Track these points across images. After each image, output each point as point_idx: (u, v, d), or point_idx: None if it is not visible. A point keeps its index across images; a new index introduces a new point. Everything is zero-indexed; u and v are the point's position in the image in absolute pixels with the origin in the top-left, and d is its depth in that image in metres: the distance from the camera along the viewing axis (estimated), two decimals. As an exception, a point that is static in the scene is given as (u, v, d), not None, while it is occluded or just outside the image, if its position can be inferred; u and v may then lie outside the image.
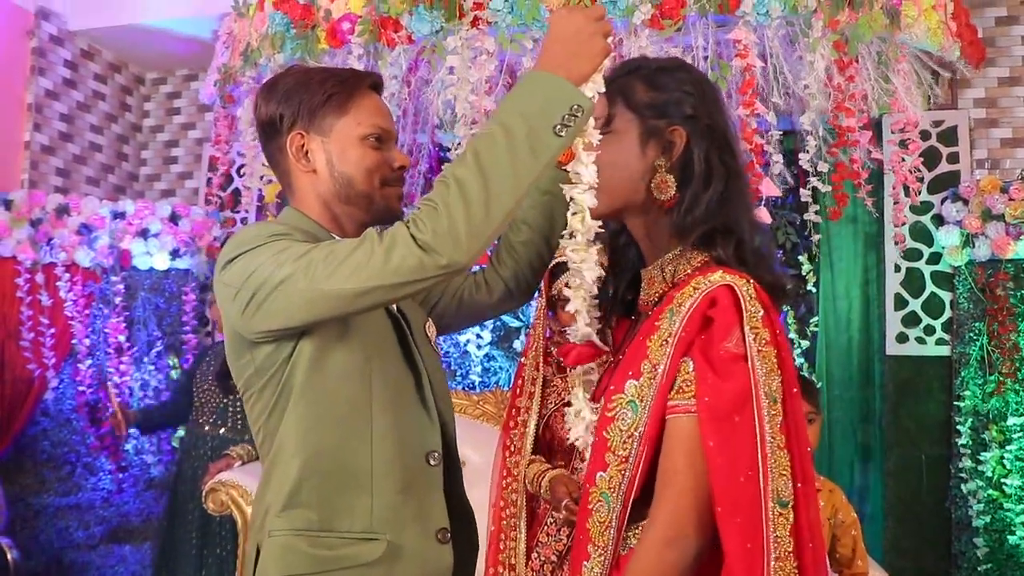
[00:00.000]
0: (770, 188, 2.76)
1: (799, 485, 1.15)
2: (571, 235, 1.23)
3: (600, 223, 1.24)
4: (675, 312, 1.19)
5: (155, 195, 4.92)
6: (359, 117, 1.44)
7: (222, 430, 3.46)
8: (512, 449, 2.54)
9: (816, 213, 2.95)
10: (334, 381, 1.36)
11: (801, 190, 2.97)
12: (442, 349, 4.22)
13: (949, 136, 3.67)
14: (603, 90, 1.22)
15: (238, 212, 4.36)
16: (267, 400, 1.38)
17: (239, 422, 3.45)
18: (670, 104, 1.27)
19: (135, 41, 4.62)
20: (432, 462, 1.43)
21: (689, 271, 1.26)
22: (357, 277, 1.21)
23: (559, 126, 1.17)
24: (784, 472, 1.14)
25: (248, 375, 1.39)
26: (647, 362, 1.20)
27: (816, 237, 3.17)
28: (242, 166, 3.68)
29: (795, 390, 1.19)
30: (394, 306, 1.45)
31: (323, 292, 1.23)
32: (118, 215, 4.17)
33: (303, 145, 1.44)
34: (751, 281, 1.19)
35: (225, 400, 3.48)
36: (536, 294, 3.97)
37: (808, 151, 2.82)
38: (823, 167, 2.88)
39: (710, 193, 1.25)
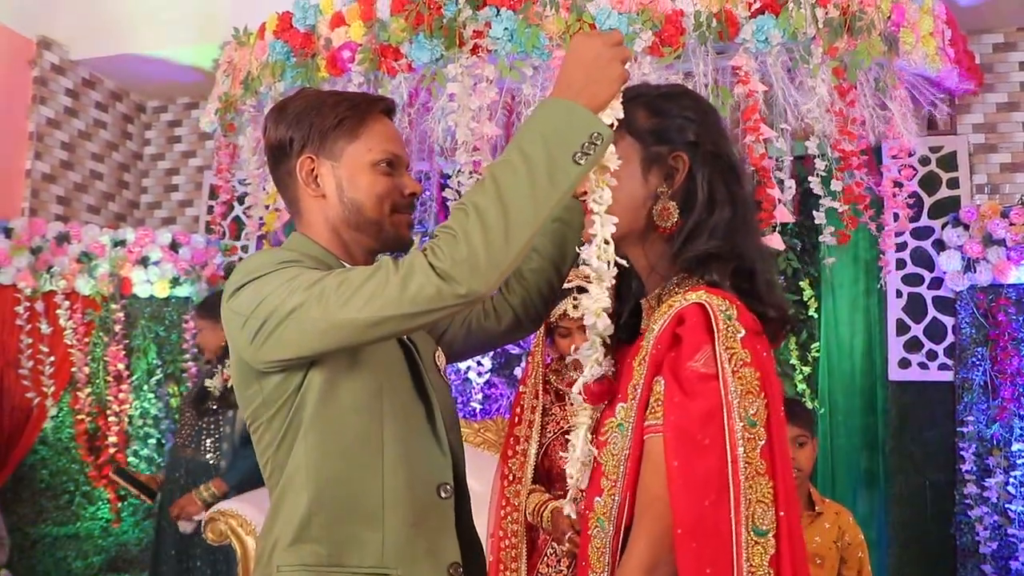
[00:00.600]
0: (784, 215, 2.75)
1: (782, 513, 1.11)
2: (588, 265, 1.21)
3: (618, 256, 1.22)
4: (652, 332, 1.17)
5: (156, 223, 4.93)
6: (370, 142, 1.41)
7: (195, 453, 3.44)
8: (511, 478, 2.51)
9: (831, 235, 2.93)
10: (344, 413, 1.32)
11: (814, 213, 2.96)
12: (443, 376, 4.20)
13: (949, 161, 3.68)
14: (621, 116, 1.20)
15: (239, 240, 4.36)
16: (276, 431, 1.34)
17: (214, 444, 3.43)
18: (672, 130, 1.25)
19: (136, 70, 4.65)
20: (444, 495, 1.39)
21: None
22: (372, 306, 1.18)
23: (579, 154, 1.15)
24: (764, 499, 1.10)
25: (256, 406, 1.35)
26: (632, 384, 1.18)
27: (830, 260, 3.14)
28: (245, 195, 3.69)
29: (780, 414, 1.15)
30: (405, 335, 1.42)
31: (336, 321, 1.20)
32: (118, 243, 4.18)
33: (313, 170, 1.41)
34: (734, 304, 1.16)
35: (200, 423, 3.46)
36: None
37: (818, 175, 2.82)
38: (835, 186, 2.88)
39: (714, 220, 1.23)
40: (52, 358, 4.01)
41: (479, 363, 4.13)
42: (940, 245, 3.57)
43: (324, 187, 1.41)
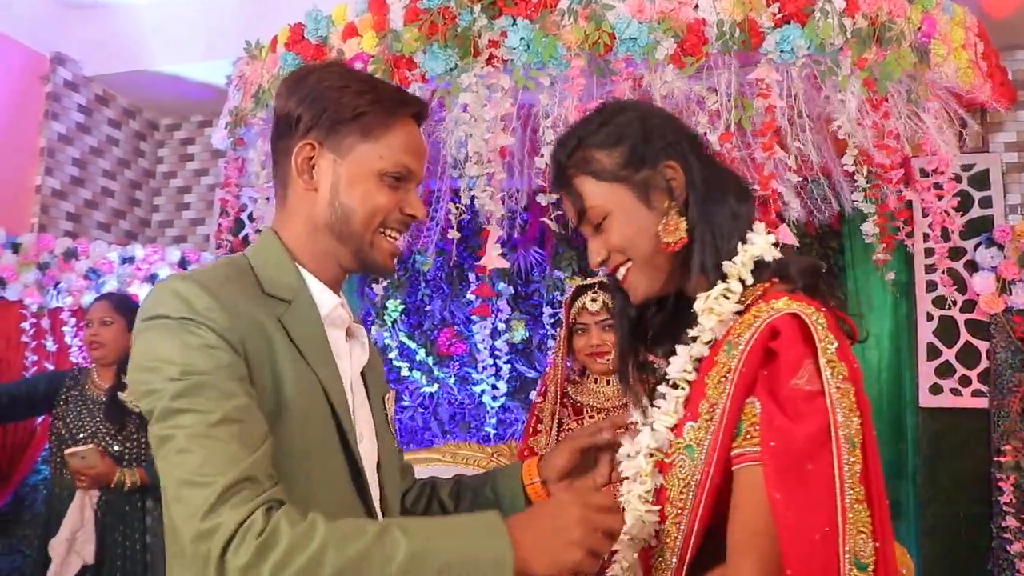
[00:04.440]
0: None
1: (878, 544, 1.00)
2: None
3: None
4: (733, 345, 1.06)
5: (167, 241, 4.86)
6: (385, 148, 1.25)
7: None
8: None
9: (863, 251, 2.83)
10: None
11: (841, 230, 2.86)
12: (456, 400, 4.10)
13: (981, 180, 3.56)
14: None
15: (249, 257, 4.29)
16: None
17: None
18: (638, 150, 1.18)
19: (149, 86, 4.61)
20: None
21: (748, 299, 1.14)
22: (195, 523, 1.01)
23: None
24: (864, 529, 0.98)
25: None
26: (705, 402, 1.07)
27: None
28: (252, 214, 3.62)
29: (873, 433, 1.04)
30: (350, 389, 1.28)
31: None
32: (126, 260, 4.11)
33: (312, 158, 1.25)
34: (820, 310, 1.06)
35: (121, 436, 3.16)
36: (553, 344, 3.86)
37: (855, 191, 2.72)
38: (863, 207, 2.78)
39: (725, 210, 1.17)
40: (57, 376, 3.93)
41: (494, 387, 4.04)
42: (972, 266, 3.44)
43: (319, 181, 1.26)
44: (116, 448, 3.12)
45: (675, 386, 1.15)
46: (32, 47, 4.30)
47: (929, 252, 3.05)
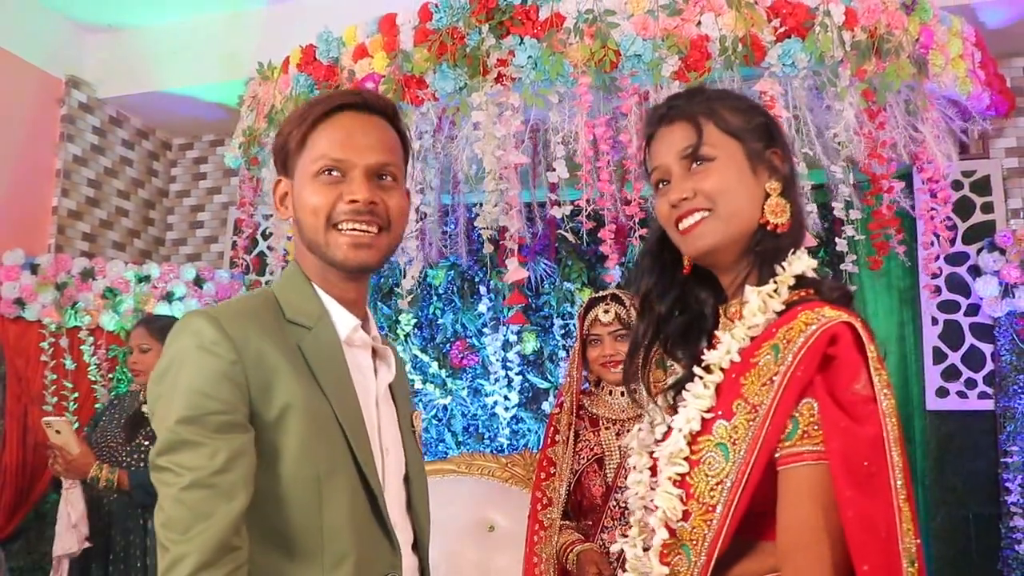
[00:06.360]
0: (806, 239, 2.70)
1: (919, 541, 1.06)
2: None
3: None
4: (781, 348, 1.11)
5: (181, 259, 4.93)
6: (314, 152, 1.31)
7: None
8: (545, 502, 2.50)
9: (853, 263, 2.88)
10: (279, 501, 1.22)
11: (836, 239, 2.91)
12: (469, 412, 4.15)
13: (982, 186, 3.61)
14: None
15: (263, 275, 4.35)
16: None
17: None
18: (759, 128, 1.25)
19: (163, 107, 4.69)
20: None
21: (784, 305, 1.19)
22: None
23: None
24: (910, 526, 1.05)
25: None
26: (742, 401, 1.11)
27: (852, 288, 3.08)
28: (268, 230, 3.68)
29: (901, 438, 1.10)
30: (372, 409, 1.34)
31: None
32: (143, 279, 4.18)
33: (286, 192, 1.37)
34: (858, 319, 1.12)
35: (130, 447, 3.22)
36: (567, 355, 3.91)
37: (840, 200, 2.77)
38: (855, 215, 2.83)
39: (801, 213, 1.24)
40: (76, 394, 3.99)
41: (506, 398, 4.09)
42: (975, 271, 3.49)
43: (290, 209, 1.36)
44: (124, 457, 3.18)
45: (709, 371, 1.18)
46: (47, 71, 4.38)
47: (931, 259, 3.10)
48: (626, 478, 1.36)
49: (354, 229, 1.30)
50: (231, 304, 1.31)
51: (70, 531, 3.10)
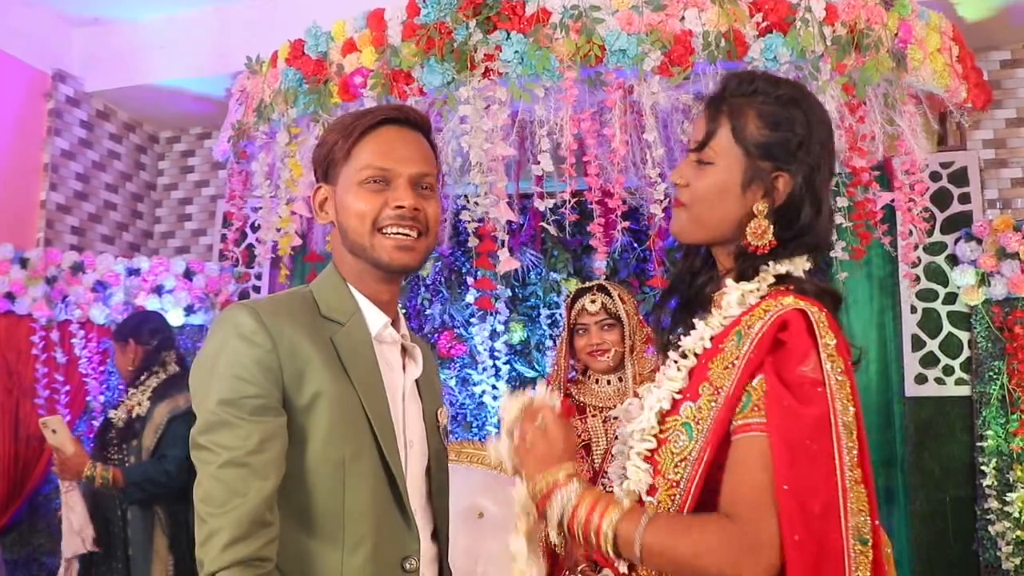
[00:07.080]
0: None
1: (877, 522, 1.12)
2: None
3: None
4: (743, 335, 1.16)
5: (169, 252, 4.96)
6: (359, 161, 1.41)
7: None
8: None
9: (843, 250, 2.94)
10: (304, 483, 1.31)
11: None
12: (457, 401, 4.20)
13: (959, 177, 3.68)
14: None
15: (252, 267, 4.38)
16: None
17: None
18: (778, 146, 1.23)
19: (150, 101, 4.70)
20: (408, 567, 1.37)
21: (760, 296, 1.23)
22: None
23: None
24: (863, 508, 1.10)
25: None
26: (707, 384, 1.16)
27: (843, 275, 3.12)
28: (256, 223, 3.70)
29: (862, 422, 1.15)
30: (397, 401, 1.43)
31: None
32: (133, 272, 4.20)
33: (326, 199, 1.46)
34: (822, 311, 1.17)
35: (104, 454, 3.26)
36: (554, 345, 3.96)
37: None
38: (842, 202, 2.88)
39: (810, 234, 1.24)
40: (67, 387, 4.03)
41: (494, 387, 4.14)
42: (953, 260, 3.57)
43: (330, 214, 1.45)
44: (115, 456, 3.22)
45: (684, 356, 1.24)
46: (34, 65, 4.39)
47: (910, 248, 3.17)
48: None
49: (398, 233, 1.40)
50: (270, 299, 1.41)
51: (72, 535, 3.12)
